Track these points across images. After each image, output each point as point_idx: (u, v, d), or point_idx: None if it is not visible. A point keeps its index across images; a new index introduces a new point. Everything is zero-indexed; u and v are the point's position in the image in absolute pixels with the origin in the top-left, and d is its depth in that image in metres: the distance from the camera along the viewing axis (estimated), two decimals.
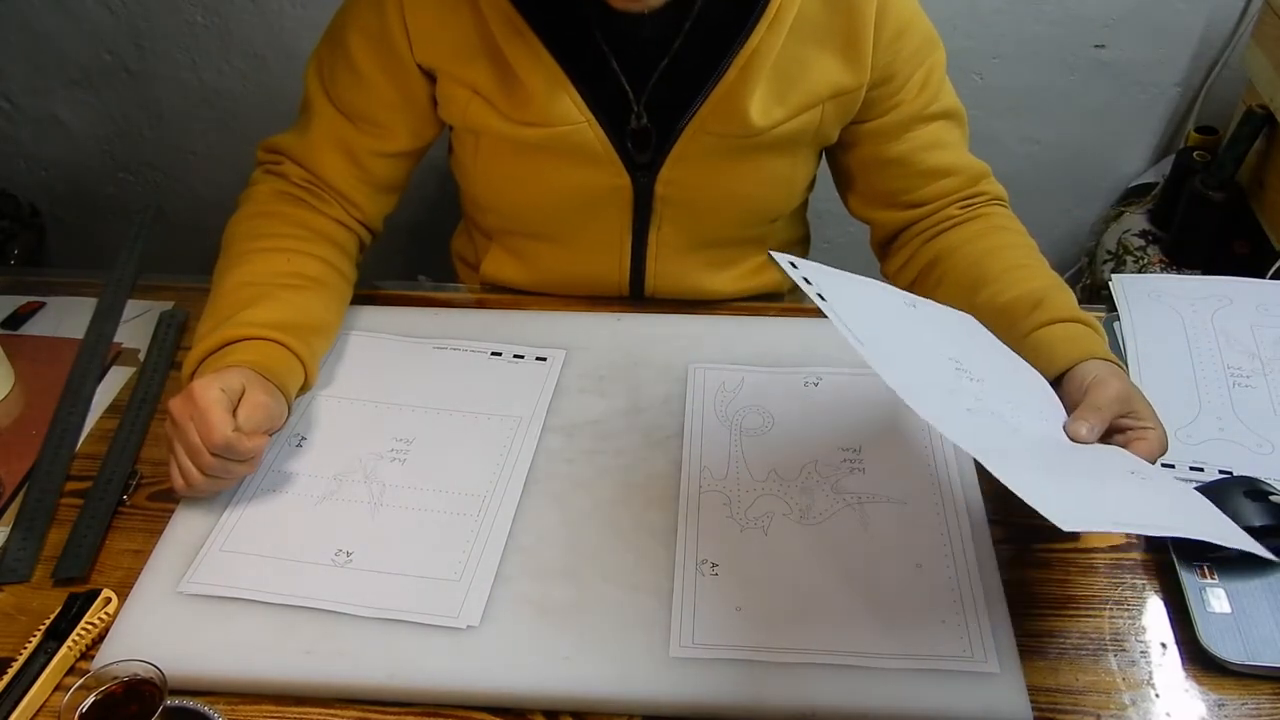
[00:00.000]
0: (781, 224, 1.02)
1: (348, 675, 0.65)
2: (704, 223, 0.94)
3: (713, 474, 0.77)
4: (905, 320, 0.69)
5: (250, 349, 0.77)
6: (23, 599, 0.72)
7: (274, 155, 0.92)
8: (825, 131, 0.91)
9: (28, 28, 1.59)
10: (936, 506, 0.75)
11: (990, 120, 1.61)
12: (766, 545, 0.72)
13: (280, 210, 0.89)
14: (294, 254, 0.86)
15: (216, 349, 0.77)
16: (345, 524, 0.74)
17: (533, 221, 0.96)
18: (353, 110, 0.89)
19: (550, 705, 0.65)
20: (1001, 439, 0.63)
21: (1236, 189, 1.42)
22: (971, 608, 0.68)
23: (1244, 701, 0.65)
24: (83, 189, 1.79)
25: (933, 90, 0.90)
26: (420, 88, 0.89)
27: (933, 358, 0.66)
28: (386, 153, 0.91)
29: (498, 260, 1.01)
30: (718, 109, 0.85)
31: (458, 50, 0.85)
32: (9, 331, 0.96)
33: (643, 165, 0.89)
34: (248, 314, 0.79)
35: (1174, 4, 1.48)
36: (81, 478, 0.81)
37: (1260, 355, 0.87)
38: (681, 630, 0.67)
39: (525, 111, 0.85)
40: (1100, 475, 0.65)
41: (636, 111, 0.86)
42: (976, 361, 0.69)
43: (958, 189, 0.92)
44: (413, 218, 1.70)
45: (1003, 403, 0.66)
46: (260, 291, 0.82)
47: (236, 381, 0.74)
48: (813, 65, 0.85)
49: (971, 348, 0.72)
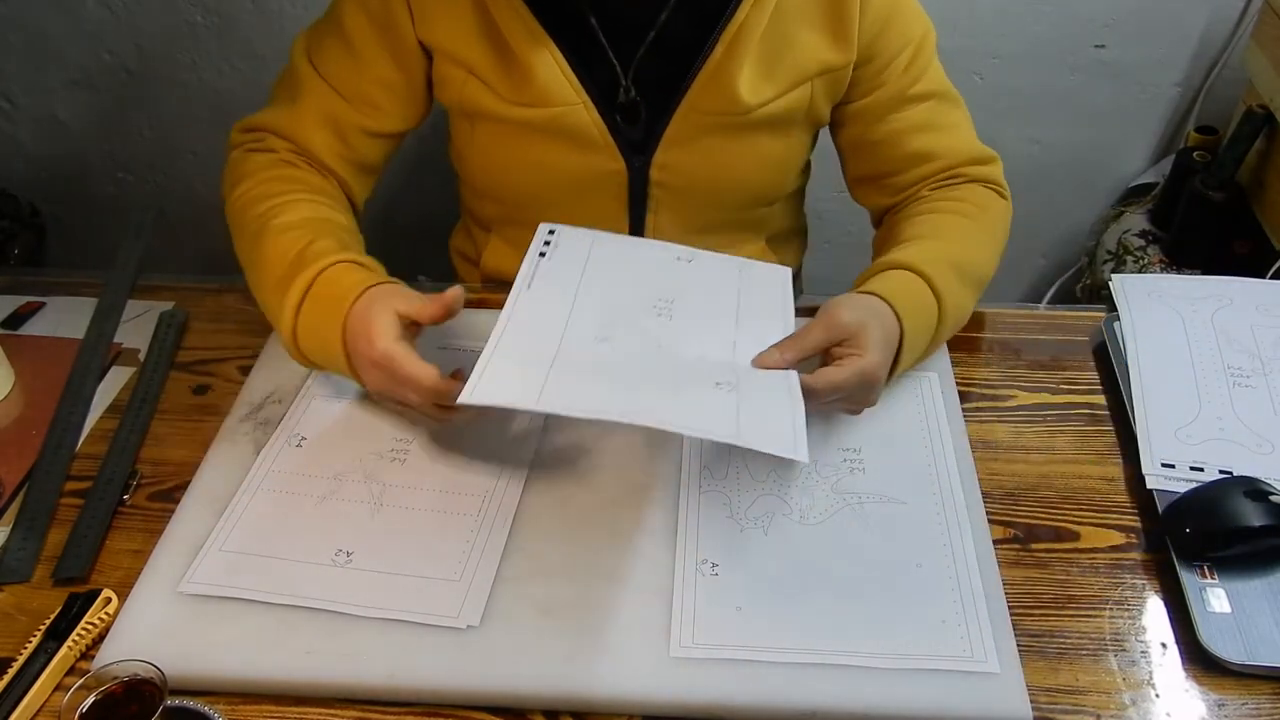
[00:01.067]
0: (777, 210, 1.02)
1: (348, 675, 0.65)
2: (699, 208, 0.95)
3: (713, 474, 0.77)
4: (637, 271, 0.81)
5: (344, 273, 0.77)
6: (23, 599, 0.72)
7: (255, 134, 0.91)
8: (816, 110, 0.91)
9: (28, 28, 1.59)
10: (937, 506, 0.75)
11: (990, 120, 1.59)
12: (767, 545, 0.72)
13: (283, 174, 0.88)
14: (318, 204, 0.86)
15: (310, 286, 0.77)
16: (345, 524, 0.74)
17: (530, 208, 0.96)
18: (344, 86, 0.89)
19: (550, 705, 0.65)
20: (635, 375, 0.71)
21: (1236, 189, 1.42)
22: (972, 607, 0.68)
23: (1244, 701, 0.65)
24: (83, 189, 1.79)
25: (918, 70, 0.90)
26: (418, 66, 0.89)
27: (628, 303, 0.77)
28: (375, 131, 0.91)
29: (498, 252, 1.01)
30: (707, 87, 0.85)
31: (457, 28, 0.85)
32: (9, 331, 0.96)
33: (636, 147, 0.90)
34: (319, 245, 0.79)
35: (1174, 4, 1.48)
36: (81, 478, 0.81)
37: (1260, 355, 0.87)
38: (681, 630, 0.67)
39: (521, 92, 0.86)
40: (683, 383, 0.70)
41: (625, 85, 0.87)
42: (692, 302, 0.78)
43: (936, 172, 0.92)
44: (412, 217, 1.70)
45: (679, 334, 0.75)
46: (313, 231, 0.81)
47: (389, 316, 0.74)
48: (800, 42, 0.86)
49: (700, 290, 0.80)
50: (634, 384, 0.70)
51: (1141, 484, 0.78)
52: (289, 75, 0.91)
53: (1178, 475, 0.78)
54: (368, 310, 0.75)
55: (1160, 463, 0.78)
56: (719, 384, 0.70)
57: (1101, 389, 0.88)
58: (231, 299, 0.99)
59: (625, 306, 0.77)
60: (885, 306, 0.77)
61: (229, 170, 0.91)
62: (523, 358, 0.70)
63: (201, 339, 0.95)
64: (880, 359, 0.74)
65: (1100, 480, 0.80)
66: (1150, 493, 0.77)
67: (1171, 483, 0.77)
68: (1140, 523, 0.76)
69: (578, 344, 0.73)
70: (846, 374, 0.73)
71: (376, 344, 0.73)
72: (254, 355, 0.91)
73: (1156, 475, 0.78)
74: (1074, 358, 0.92)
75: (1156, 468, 0.78)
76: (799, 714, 0.63)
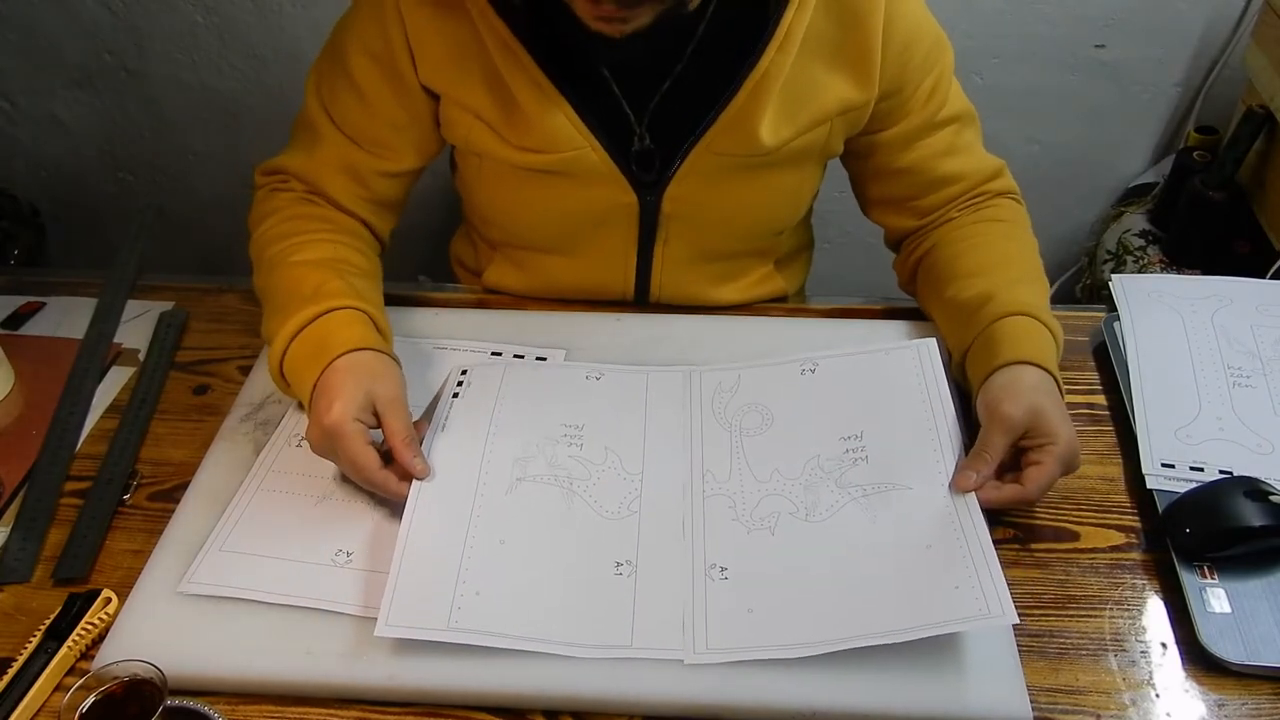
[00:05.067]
0: (786, 235, 1.01)
1: (348, 675, 0.65)
2: (711, 237, 0.94)
3: (715, 477, 0.77)
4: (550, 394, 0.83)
5: (345, 323, 0.78)
6: (23, 599, 0.72)
7: (277, 176, 0.91)
8: (832, 145, 0.90)
9: (28, 28, 1.59)
10: (942, 486, 0.73)
11: (990, 120, 1.58)
12: (775, 545, 0.72)
13: (306, 212, 0.89)
14: (339, 245, 0.86)
15: (310, 322, 0.78)
16: (345, 524, 0.74)
17: (538, 238, 0.96)
18: (358, 133, 0.88)
19: (550, 705, 0.65)
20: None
21: (1236, 189, 1.42)
22: (984, 565, 0.66)
23: (1244, 701, 0.65)
24: (83, 189, 1.79)
25: (941, 96, 0.89)
26: (424, 107, 0.88)
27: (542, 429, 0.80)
28: (392, 172, 0.91)
29: (501, 270, 1.00)
30: (727, 130, 0.84)
31: (459, 74, 0.84)
32: (9, 331, 0.96)
33: (649, 184, 0.88)
34: (332, 285, 0.80)
35: (1174, 4, 1.48)
36: (81, 478, 0.81)
37: (1260, 355, 0.87)
38: (695, 637, 0.66)
39: (526, 138, 0.85)
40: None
41: (639, 134, 0.86)
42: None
43: (963, 193, 0.92)
44: (413, 218, 1.69)
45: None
46: (328, 271, 0.82)
47: (358, 393, 0.74)
48: (822, 83, 0.84)
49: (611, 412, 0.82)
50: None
51: (1141, 484, 0.78)
52: (305, 119, 0.90)
53: (1178, 475, 0.78)
54: (345, 375, 0.75)
55: (1160, 463, 0.78)
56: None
57: (1101, 389, 0.88)
58: (231, 299, 0.99)
59: (539, 434, 0.79)
60: (1030, 370, 0.77)
61: (255, 207, 0.92)
62: (430, 573, 0.70)
63: (201, 339, 0.95)
64: (1066, 430, 0.74)
65: (1100, 480, 0.80)
66: (1150, 493, 0.77)
67: (1171, 483, 0.77)
68: (1140, 523, 0.76)
69: (495, 488, 0.75)
70: (1051, 467, 0.73)
71: (332, 411, 0.72)
72: (254, 355, 0.91)
73: (1156, 475, 0.78)
74: (1074, 358, 0.91)
75: (1156, 468, 0.78)
76: (795, 712, 0.63)
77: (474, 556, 0.70)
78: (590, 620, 0.67)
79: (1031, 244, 0.90)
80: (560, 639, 0.66)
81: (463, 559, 0.70)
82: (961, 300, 0.84)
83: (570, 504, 0.75)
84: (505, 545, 0.71)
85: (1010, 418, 0.74)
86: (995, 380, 0.77)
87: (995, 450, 0.73)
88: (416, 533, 0.72)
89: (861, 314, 0.97)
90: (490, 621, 0.67)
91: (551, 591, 0.69)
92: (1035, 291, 0.84)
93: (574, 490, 0.75)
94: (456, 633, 0.66)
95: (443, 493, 0.75)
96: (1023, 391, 0.75)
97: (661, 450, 0.79)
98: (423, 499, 0.74)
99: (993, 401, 0.76)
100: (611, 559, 0.71)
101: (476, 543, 0.71)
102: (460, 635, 0.66)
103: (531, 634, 0.66)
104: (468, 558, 0.70)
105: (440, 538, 0.71)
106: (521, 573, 0.70)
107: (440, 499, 0.74)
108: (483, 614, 0.67)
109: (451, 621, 0.66)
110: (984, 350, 0.80)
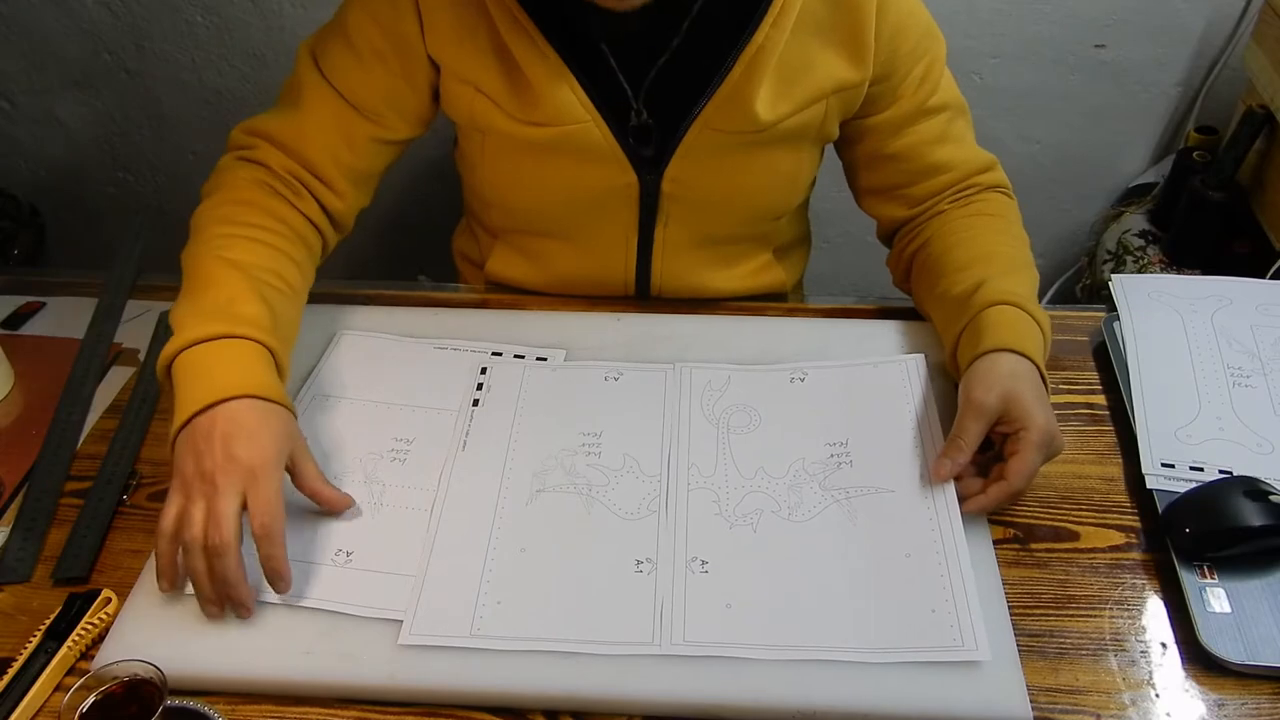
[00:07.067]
0: (784, 223, 1.02)
1: (348, 675, 0.65)
2: (710, 219, 0.95)
3: (700, 471, 0.77)
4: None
5: (242, 360, 0.74)
6: (23, 599, 0.72)
7: (253, 139, 0.89)
8: (827, 127, 0.91)
9: (28, 28, 1.59)
10: (925, 492, 0.74)
11: (990, 120, 1.61)
12: (755, 542, 0.72)
13: (258, 200, 0.85)
14: (277, 252, 0.83)
15: (212, 339, 0.74)
16: (345, 524, 0.75)
17: (539, 219, 0.96)
18: (354, 94, 0.88)
19: (550, 705, 0.65)
20: None
21: (1236, 189, 1.42)
22: (962, 594, 0.67)
23: (1244, 701, 0.65)
24: (83, 189, 1.79)
25: (932, 84, 0.90)
26: (426, 77, 0.88)
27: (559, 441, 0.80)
28: (381, 139, 0.90)
29: (503, 258, 1.01)
30: (723, 106, 0.85)
31: (466, 46, 0.85)
32: (9, 331, 0.96)
33: (649, 162, 0.89)
34: (240, 308, 0.76)
35: (1174, 4, 1.48)
36: (81, 478, 0.81)
37: (1260, 355, 0.87)
38: (672, 628, 0.67)
39: (531, 111, 0.85)
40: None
41: (636, 108, 0.86)
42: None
43: (953, 184, 0.92)
44: (413, 216, 1.70)
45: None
46: (247, 283, 0.78)
47: (285, 441, 0.71)
48: (817, 60, 0.85)
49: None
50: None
51: (1141, 484, 0.78)
52: (292, 82, 0.89)
53: (1177, 475, 0.78)
54: (268, 422, 0.71)
55: (1160, 463, 0.79)
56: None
57: (1101, 389, 0.88)
58: None
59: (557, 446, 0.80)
60: (1008, 356, 0.76)
61: (215, 172, 0.89)
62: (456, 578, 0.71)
63: None
64: (1041, 415, 0.73)
65: (1100, 480, 0.80)
66: (1150, 493, 0.77)
67: (1171, 483, 0.77)
68: (1140, 523, 0.76)
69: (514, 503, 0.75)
70: (1029, 454, 0.72)
71: (264, 453, 0.69)
72: None
73: (1156, 475, 0.78)
74: (1074, 358, 0.92)
75: (1156, 468, 0.78)
76: (796, 712, 0.63)
77: (495, 567, 0.71)
78: (612, 619, 0.68)
79: (1022, 238, 0.90)
80: (579, 638, 0.66)
81: (484, 569, 0.71)
82: (953, 295, 0.85)
83: (590, 509, 0.75)
84: (526, 553, 0.72)
85: (981, 403, 0.74)
86: (974, 367, 0.77)
87: (969, 436, 0.73)
88: (441, 545, 0.73)
89: (858, 314, 0.97)
90: (512, 628, 0.67)
91: (572, 593, 0.69)
92: (1021, 281, 0.84)
93: (593, 496, 0.76)
94: (479, 639, 0.66)
95: (466, 505, 0.75)
96: (997, 378, 0.75)
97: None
98: (447, 512, 0.75)
99: (966, 388, 0.76)
100: (632, 558, 0.71)
101: (498, 553, 0.72)
102: (483, 643, 0.66)
103: (552, 635, 0.67)
104: (489, 569, 0.71)
105: (463, 549, 0.72)
106: (543, 578, 0.70)
107: (463, 511, 0.75)
108: (504, 621, 0.68)
109: (474, 630, 0.67)
110: (969, 340, 0.80)
